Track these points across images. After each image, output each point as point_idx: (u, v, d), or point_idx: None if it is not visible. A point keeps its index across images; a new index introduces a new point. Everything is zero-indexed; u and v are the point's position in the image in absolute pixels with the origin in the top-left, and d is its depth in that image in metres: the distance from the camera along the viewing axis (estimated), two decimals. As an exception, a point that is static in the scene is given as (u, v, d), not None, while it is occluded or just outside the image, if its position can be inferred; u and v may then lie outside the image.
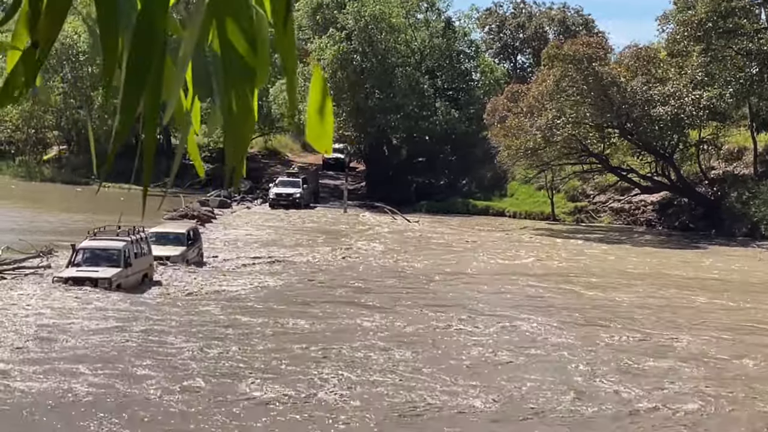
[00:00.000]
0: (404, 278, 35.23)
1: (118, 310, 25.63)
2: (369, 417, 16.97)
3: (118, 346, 21.50)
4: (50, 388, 17.77)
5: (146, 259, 30.84)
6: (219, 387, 18.46)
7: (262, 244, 44.10)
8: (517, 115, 57.23)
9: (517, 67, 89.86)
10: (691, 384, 20.11)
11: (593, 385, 19.77)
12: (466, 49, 77.22)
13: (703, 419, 17.85)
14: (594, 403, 18.33)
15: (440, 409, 17.75)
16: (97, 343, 21.71)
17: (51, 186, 71.97)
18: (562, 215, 63.03)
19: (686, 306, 30.89)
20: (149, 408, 16.97)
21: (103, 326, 23.41)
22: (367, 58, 69.15)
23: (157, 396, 17.62)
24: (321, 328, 24.65)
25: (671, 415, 17.99)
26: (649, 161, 59.67)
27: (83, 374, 18.76)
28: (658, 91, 54.01)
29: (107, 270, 28.46)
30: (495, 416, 17.62)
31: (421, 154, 73.02)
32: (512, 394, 18.92)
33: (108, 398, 17.41)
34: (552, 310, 28.86)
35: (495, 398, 18.48)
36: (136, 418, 16.46)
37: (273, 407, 17.25)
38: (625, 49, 61.12)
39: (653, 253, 46.31)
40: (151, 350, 21.16)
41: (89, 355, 20.56)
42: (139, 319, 24.51)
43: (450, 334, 24.75)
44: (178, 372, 19.41)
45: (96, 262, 29.06)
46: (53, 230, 43.20)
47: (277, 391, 18.15)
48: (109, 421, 16.12)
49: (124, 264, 28.87)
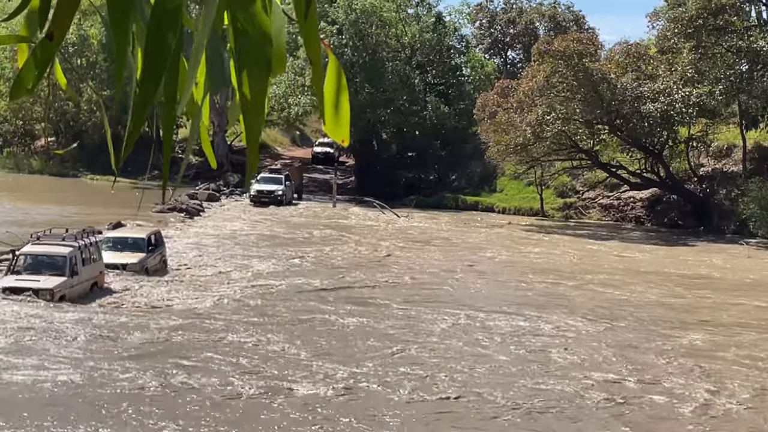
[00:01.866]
0: (389, 272, 35.23)
1: (57, 330, 22.21)
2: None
3: (42, 381, 18.04)
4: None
5: (96, 267, 27.85)
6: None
7: (239, 243, 41.74)
8: (507, 111, 57.31)
9: (507, 63, 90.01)
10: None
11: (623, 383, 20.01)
12: (457, 44, 77.39)
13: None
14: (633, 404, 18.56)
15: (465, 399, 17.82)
16: (19, 379, 18.15)
17: (39, 178, 71.79)
18: (551, 211, 63.14)
19: (694, 303, 31.18)
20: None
21: (34, 348, 20.49)
22: (358, 53, 69.17)
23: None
24: (288, 347, 21.97)
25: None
26: (638, 158, 59.84)
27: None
28: (648, 87, 54.12)
29: (50, 280, 25.55)
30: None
31: (411, 149, 73.08)
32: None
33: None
34: (572, 307, 29.06)
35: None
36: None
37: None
38: (615, 46, 61.40)
39: (646, 250, 46.50)
40: (78, 385, 17.91)
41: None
42: (76, 341, 21.24)
43: (463, 330, 24.89)
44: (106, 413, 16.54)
45: (38, 269, 26.16)
46: (44, 222, 43.04)
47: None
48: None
49: (69, 272, 25.95)
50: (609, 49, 62.44)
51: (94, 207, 49.75)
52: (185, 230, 45.95)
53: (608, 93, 54.42)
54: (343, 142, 2.27)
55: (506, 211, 64.07)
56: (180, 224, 47.89)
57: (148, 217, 47.13)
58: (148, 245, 31.85)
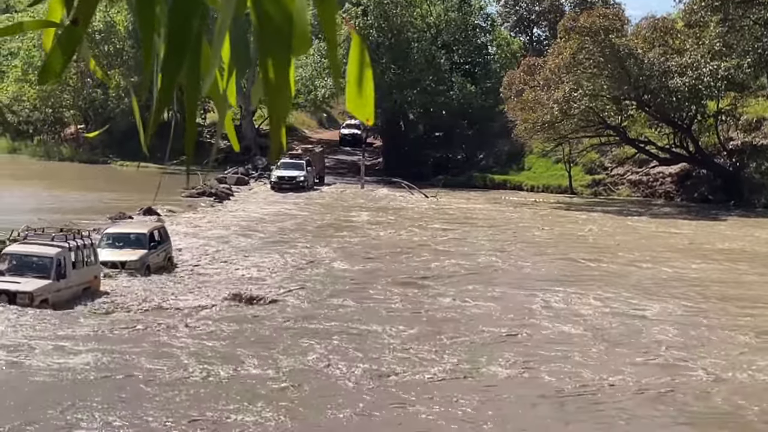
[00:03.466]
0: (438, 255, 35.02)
1: (40, 335, 20.12)
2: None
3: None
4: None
5: (90, 270, 25.33)
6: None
7: (264, 234, 39.35)
8: (534, 89, 57.08)
9: (533, 40, 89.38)
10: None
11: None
12: (482, 22, 77.01)
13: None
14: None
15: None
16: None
17: (70, 165, 72.34)
18: (579, 188, 62.91)
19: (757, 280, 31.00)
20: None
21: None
22: (383, 34, 69.03)
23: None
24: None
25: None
26: (667, 133, 59.44)
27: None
28: (676, 62, 53.73)
29: (31, 282, 23.26)
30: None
31: (438, 128, 72.95)
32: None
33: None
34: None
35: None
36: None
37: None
38: (641, 21, 60.82)
39: (683, 225, 46.19)
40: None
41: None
42: (51, 357, 18.44)
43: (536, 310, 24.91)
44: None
45: (21, 271, 23.88)
46: (73, 210, 43.42)
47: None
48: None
49: (55, 275, 23.68)
50: (635, 24, 61.88)
51: (128, 193, 50.05)
52: (213, 216, 45.52)
53: (635, 68, 54.07)
54: (367, 120, 2.27)
55: (535, 189, 63.89)
56: (209, 208, 48.02)
57: (178, 202, 47.46)
58: (150, 241, 28.93)
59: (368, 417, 15.94)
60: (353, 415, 15.91)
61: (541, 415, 16.61)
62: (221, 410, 15.69)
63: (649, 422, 16.34)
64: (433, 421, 15.79)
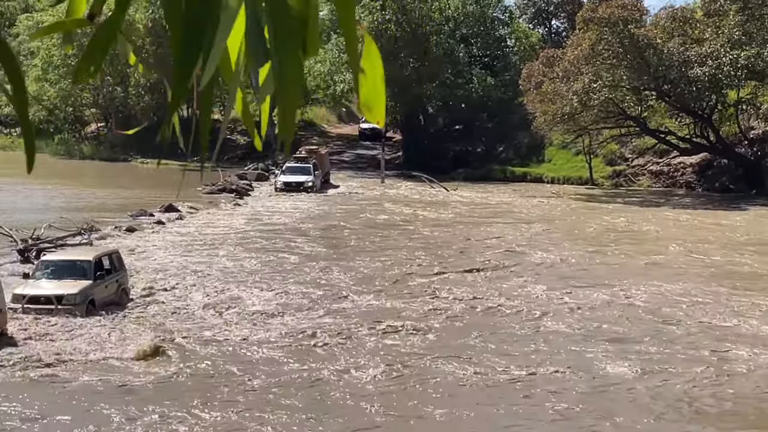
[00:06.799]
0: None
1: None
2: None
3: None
4: None
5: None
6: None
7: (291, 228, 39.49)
8: (553, 80, 56.95)
9: (551, 32, 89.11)
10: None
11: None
12: (500, 15, 76.82)
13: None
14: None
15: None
16: None
17: (91, 163, 72.62)
18: (600, 179, 62.74)
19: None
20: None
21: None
22: (402, 27, 68.93)
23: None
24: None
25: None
26: (687, 123, 59.21)
27: None
28: (695, 51, 53.49)
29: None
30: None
31: (458, 122, 72.87)
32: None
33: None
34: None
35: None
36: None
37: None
38: (660, 11, 60.50)
39: (710, 215, 45.70)
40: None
41: None
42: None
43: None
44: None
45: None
46: (94, 207, 43.61)
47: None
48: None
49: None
50: (654, 14, 61.60)
51: (149, 189, 50.21)
52: (228, 215, 44.28)
53: (655, 59, 53.87)
54: (378, 123, 2.27)
55: (555, 181, 63.75)
56: (229, 205, 47.95)
57: (198, 199, 47.58)
58: (96, 270, 23.06)
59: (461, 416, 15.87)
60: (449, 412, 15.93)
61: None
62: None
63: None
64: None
